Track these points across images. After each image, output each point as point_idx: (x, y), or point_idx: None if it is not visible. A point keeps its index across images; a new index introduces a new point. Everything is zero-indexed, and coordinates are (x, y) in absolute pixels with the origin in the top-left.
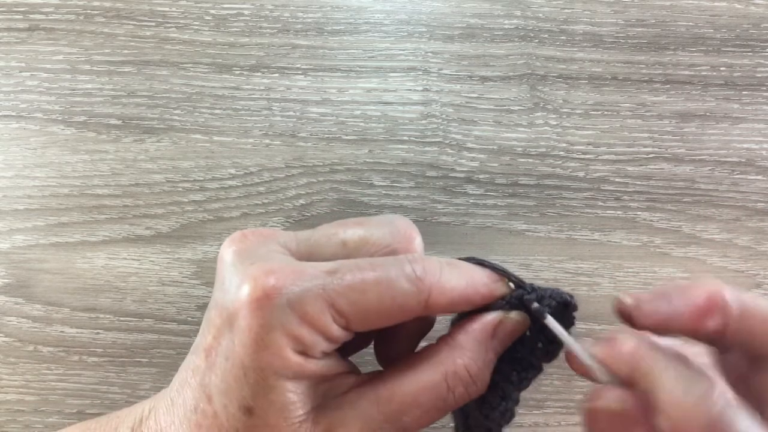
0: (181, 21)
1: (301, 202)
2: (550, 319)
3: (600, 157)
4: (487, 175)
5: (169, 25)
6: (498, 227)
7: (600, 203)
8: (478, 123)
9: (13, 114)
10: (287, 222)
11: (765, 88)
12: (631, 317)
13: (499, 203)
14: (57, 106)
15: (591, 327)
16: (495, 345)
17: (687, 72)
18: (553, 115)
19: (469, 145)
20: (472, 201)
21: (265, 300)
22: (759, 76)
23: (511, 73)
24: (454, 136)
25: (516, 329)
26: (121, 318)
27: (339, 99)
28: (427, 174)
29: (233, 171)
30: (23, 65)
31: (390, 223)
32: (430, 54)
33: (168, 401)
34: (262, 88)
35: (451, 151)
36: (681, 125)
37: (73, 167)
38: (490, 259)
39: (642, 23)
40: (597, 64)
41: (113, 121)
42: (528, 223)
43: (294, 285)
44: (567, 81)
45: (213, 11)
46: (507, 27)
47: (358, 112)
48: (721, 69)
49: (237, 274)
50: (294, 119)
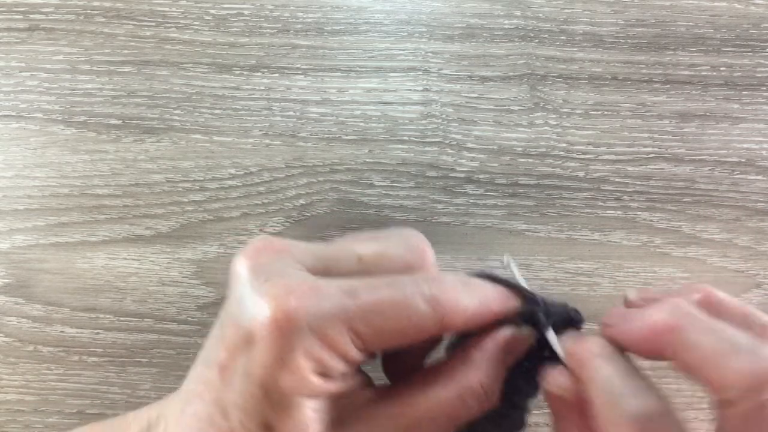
0: (181, 21)
1: (301, 202)
2: (551, 334)
3: (600, 157)
4: (487, 175)
5: (169, 25)
6: (498, 227)
7: (600, 203)
8: (478, 123)
9: (13, 114)
10: (287, 222)
11: (765, 88)
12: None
13: (499, 203)
14: (57, 106)
15: (591, 327)
16: (506, 360)
17: (687, 72)
18: (553, 115)
19: (469, 145)
20: (472, 201)
21: (286, 322)
22: (759, 76)
23: (511, 73)
24: (454, 136)
25: (527, 343)
26: (121, 318)
27: (339, 99)
28: (427, 174)
29: (233, 171)
30: (23, 65)
31: (403, 238)
32: (430, 54)
33: (178, 411)
34: (262, 88)
35: (451, 151)
36: (681, 125)
37: (73, 167)
38: (490, 259)
39: (642, 23)
40: (597, 64)
41: (113, 121)
42: (528, 223)
43: (314, 306)
44: (567, 81)
45: (213, 11)
46: (507, 27)
47: (358, 112)
48: (721, 69)
49: (254, 291)
50: (294, 119)
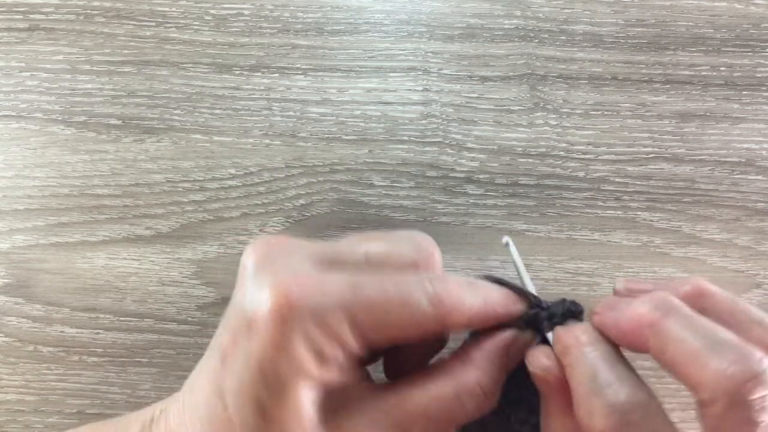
0: (181, 21)
1: (301, 202)
2: (551, 336)
3: (600, 157)
4: (487, 175)
5: (169, 25)
6: (498, 227)
7: (600, 203)
8: (478, 123)
9: (13, 114)
10: (287, 222)
11: (765, 88)
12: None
13: (499, 203)
14: (57, 106)
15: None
16: (507, 362)
17: (687, 72)
18: (553, 115)
19: (469, 145)
20: (472, 201)
21: (287, 307)
22: (759, 76)
23: (511, 73)
24: (454, 136)
25: (526, 348)
26: (121, 318)
27: (339, 99)
28: (427, 174)
29: (233, 171)
30: (23, 65)
31: (412, 239)
32: (430, 54)
33: (179, 403)
34: (262, 88)
35: (451, 151)
36: (681, 125)
37: (73, 167)
38: (490, 259)
39: (642, 23)
40: (597, 64)
41: (113, 121)
42: (528, 223)
43: (316, 295)
44: (567, 81)
45: (213, 11)
46: (507, 27)
47: (358, 112)
48: (721, 69)
49: (259, 280)
50: (294, 119)
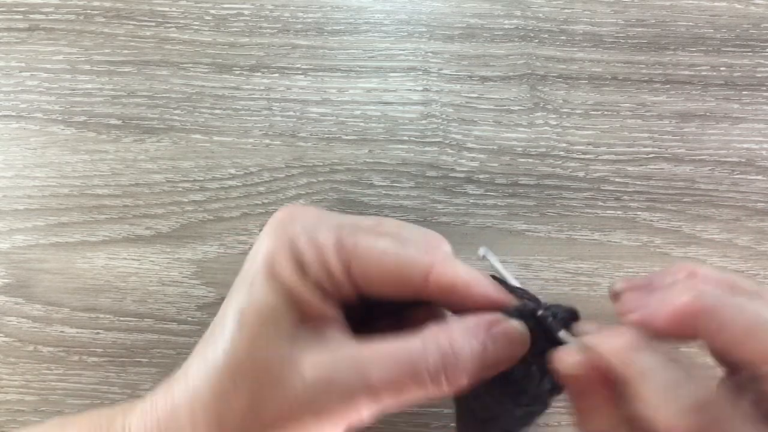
0: (181, 21)
1: (301, 202)
2: (563, 333)
3: (600, 157)
4: (487, 175)
5: (169, 25)
6: (498, 227)
7: (600, 203)
8: (478, 123)
9: (13, 114)
10: None
11: (765, 88)
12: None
13: (499, 203)
14: (57, 106)
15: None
16: (486, 341)
17: (687, 72)
18: (553, 115)
19: (469, 145)
20: (472, 201)
21: (284, 219)
22: (759, 76)
23: (511, 73)
24: (454, 136)
25: (513, 337)
26: (121, 318)
27: (339, 99)
28: (427, 174)
29: (233, 171)
30: (23, 65)
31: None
32: (430, 54)
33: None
34: (262, 88)
35: (451, 151)
36: (681, 125)
37: (73, 167)
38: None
39: (642, 23)
40: (597, 64)
41: (113, 121)
42: (528, 223)
43: (315, 218)
44: (567, 81)
45: (213, 11)
46: (507, 27)
47: (358, 112)
48: (721, 69)
49: (270, 222)
50: (294, 119)
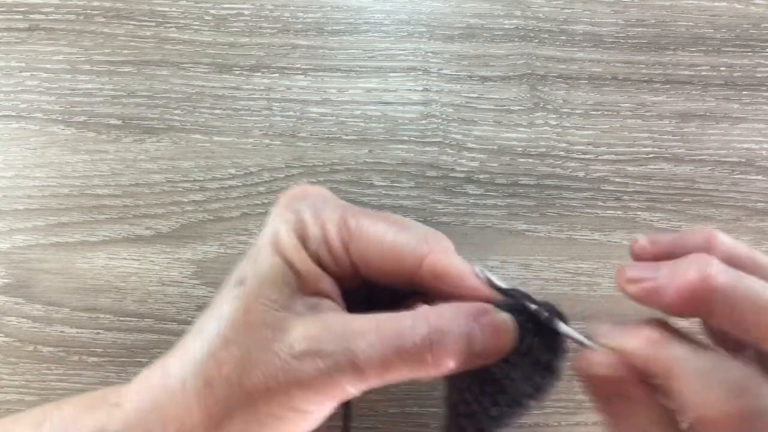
0: (181, 21)
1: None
2: (562, 325)
3: (600, 157)
4: (487, 175)
5: (169, 25)
6: (498, 227)
7: (600, 203)
8: (478, 123)
9: (13, 114)
10: None
11: (765, 88)
12: (619, 284)
13: (499, 203)
14: (57, 106)
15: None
16: (475, 327)
17: (687, 72)
18: (553, 115)
19: (469, 145)
20: (472, 201)
21: (296, 195)
22: (759, 76)
23: (511, 73)
24: (454, 136)
25: (501, 328)
26: (121, 318)
27: (339, 99)
28: (427, 174)
29: (233, 171)
30: (23, 65)
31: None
32: (430, 54)
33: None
34: (262, 88)
35: (451, 151)
36: (681, 125)
37: (73, 167)
38: (490, 259)
39: (642, 23)
40: (597, 64)
41: (113, 121)
42: (528, 223)
43: (324, 197)
44: (567, 81)
45: (213, 11)
46: (507, 27)
47: (358, 112)
48: (721, 69)
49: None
50: (294, 119)
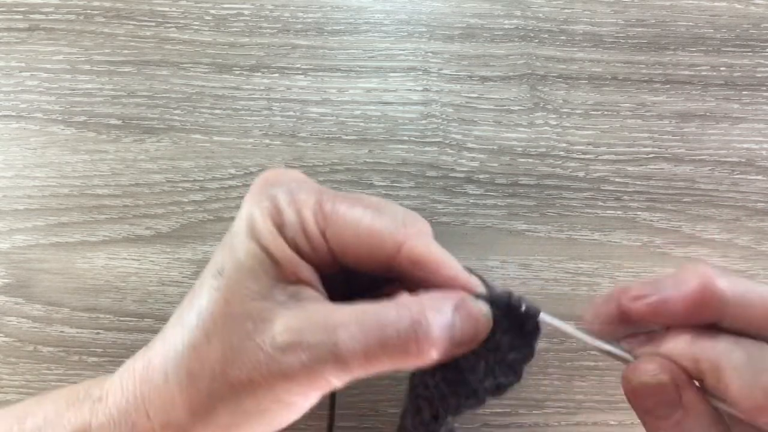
0: (181, 21)
1: None
2: (546, 316)
3: (600, 157)
4: (487, 175)
5: (169, 25)
6: (498, 227)
7: (600, 203)
8: (478, 123)
9: (13, 114)
10: None
11: (765, 88)
12: (622, 305)
13: (499, 203)
14: (57, 106)
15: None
16: (455, 317)
17: (687, 72)
18: (553, 115)
19: (469, 145)
20: (472, 201)
21: (269, 179)
22: (759, 76)
23: (511, 73)
24: (454, 136)
25: (478, 318)
26: (121, 318)
27: (339, 99)
28: (427, 174)
29: (233, 171)
30: (23, 65)
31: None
32: (430, 54)
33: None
34: (262, 88)
35: (451, 151)
36: (681, 125)
37: (73, 167)
38: (490, 259)
39: (642, 23)
40: (597, 64)
41: (113, 121)
42: (528, 223)
43: (298, 181)
44: (567, 81)
45: (213, 11)
46: (507, 27)
47: (358, 112)
48: (721, 69)
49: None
50: (294, 119)
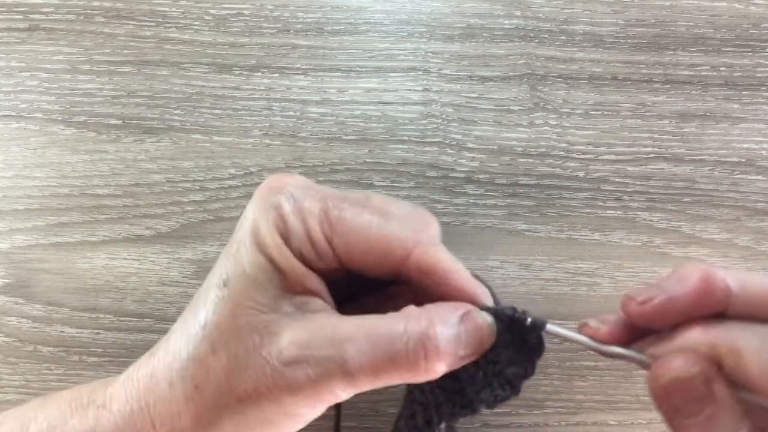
0: (181, 21)
1: None
2: (554, 327)
3: (600, 157)
4: (487, 175)
5: (169, 25)
6: (498, 227)
7: (600, 203)
8: (478, 123)
9: (13, 114)
10: None
11: (765, 88)
12: (628, 312)
13: (499, 203)
14: (57, 106)
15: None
16: (461, 330)
17: (687, 72)
18: (553, 115)
19: (469, 145)
20: (472, 201)
21: (272, 187)
22: (759, 76)
23: (511, 73)
24: (454, 136)
25: (484, 330)
26: (121, 318)
27: (339, 99)
28: (427, 174)
29: (233, 171)
30: (23, 65)
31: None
32: (430, 54)
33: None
34: (262, 88)
35: (451, 151)
36: (681, 125)
37: (73, 167)
38: (490, 259)
39: (642, 23)
40: (597, 64)
41: (113, 121)
42: (528, 223)
43: (302, 187)
44: (567, 81)
45: (213, 11)
46: (507, 27)
47: (358, 112)
48: (721, 69)
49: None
50: (294, 119)
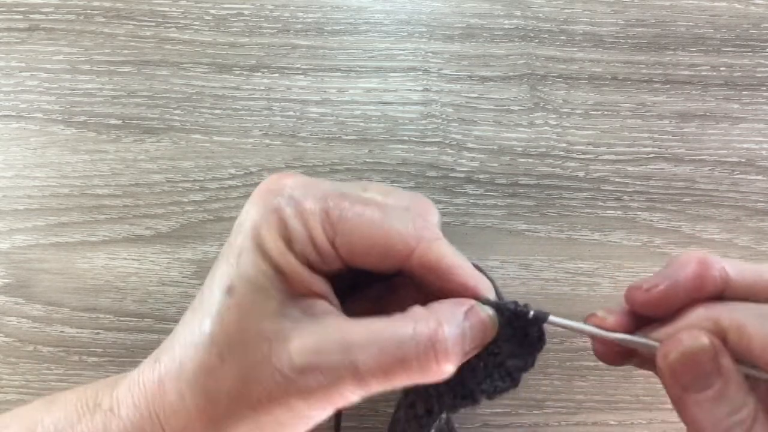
0: (181, 21)
1: None
2: (556, 319)
3: (600, 157)
4: (487, 175)
5: (169, 25)
6: (498, 227)
7: (600, 203)
8: (478, 123)
9: (13, 114)
10: None
11: (765, 88)
12: (635, 300)
13: (499, 203)
14: (57, 106)
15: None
16: (466, 326)
17: (687, 72)
18: (553, 115)
19: (469, 145)
20: (472, 201)
21: (271, 188)
22: (759, 76)
23: (511, 73)
24: (454, 136)
25: (487, 325)
26: (121, 318)
27: (339, 99)
28: (427, 174)
29: (233, 171)
30: (23, 65)
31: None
32: (430, 54)
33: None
34: (262, 88)
35: (451, 151)
36: (681, 125)
37: (73, 167)
38: (490, 259)
39: (642, 23)
40: (597, 64)
41: (113, 121)
42: (528, 223)
43: (301, 187)
44: (567, 81)
45: (213, 11)
46: (507, 27)
47: (358, 112)
48: (721, 69)
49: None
50: (294, 119)
